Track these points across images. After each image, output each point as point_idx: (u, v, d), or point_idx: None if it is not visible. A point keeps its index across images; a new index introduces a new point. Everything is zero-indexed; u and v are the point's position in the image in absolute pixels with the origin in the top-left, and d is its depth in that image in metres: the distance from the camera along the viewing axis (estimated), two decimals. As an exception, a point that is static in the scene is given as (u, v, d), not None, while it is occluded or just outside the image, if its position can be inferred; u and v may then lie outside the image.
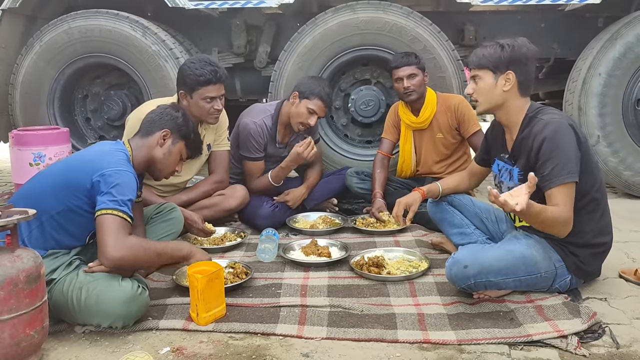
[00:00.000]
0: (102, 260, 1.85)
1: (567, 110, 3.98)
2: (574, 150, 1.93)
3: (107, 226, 1.83)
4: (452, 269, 2.04)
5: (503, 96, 2.07)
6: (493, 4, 3.77)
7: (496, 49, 2.05)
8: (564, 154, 1.91)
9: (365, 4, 3.74)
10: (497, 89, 2.07)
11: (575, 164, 1.92)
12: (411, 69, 3.15)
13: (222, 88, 2.84)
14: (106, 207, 1.84)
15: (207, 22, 4.34)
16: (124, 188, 1.89)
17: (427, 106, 3.23)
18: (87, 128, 4.22)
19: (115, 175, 1.90)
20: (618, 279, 2.32)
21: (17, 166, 3.47)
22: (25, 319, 1.59)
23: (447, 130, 3.23)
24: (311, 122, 3.04)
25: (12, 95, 3.96)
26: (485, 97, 2.10)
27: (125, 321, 1.84)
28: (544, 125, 1.97)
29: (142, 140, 2.16)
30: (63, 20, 3.82)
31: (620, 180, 3.86)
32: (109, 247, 1.82)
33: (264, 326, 1.89)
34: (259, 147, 3.11)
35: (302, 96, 3.03)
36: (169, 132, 2.17)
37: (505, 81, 2.05)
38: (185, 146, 2.23)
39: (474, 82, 2.12)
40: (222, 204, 3.06)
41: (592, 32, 4.03)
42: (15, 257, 1.60)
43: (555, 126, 1.94)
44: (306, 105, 3.02)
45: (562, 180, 1.90)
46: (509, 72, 2.04)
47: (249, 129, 3.08)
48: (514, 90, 2.06)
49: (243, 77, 4.45)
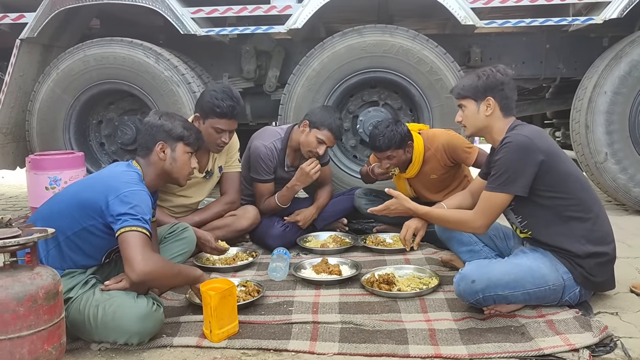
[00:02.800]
0: (131, 274, 1.87)
1: (574, 128, 4.01)
2: (519, 165, 2.04)
3: (134, 242, 1.86)
4: (460, 284, 2.07)
5: (487, 120, 2.21)
6: (497, 25, 3.84)
7: (473, 79, 2.22)
8: (503, 166, 2.06)
9: (372, 28, 3.83)
10: (479, 114, 2.21)
11: (514, 179, 2.04)
12: (388, 153, 3.03)
13: (235, 124, 2.92)
14: (130, 225, 1.88)
15: (217, 48, 4.47)
16: (142, 207, 1.94)
17: (414, 164, 3.13)
18: (102, 153, 4.31)
19: (132, 196, 1.94)
20: (629, 293, 2.32)
21: (34, 190, 3.55)
22: (43, 335, 1.63)
23: (439, 169, 3.14)
24: (320, 152, 3.09)
25: (29, 121, 4.07)
26: (471, 123, 2.26)
27: (141, 338, 1.88)
28: (502, 141, 2.12)
29: (145, 160, 2.21)
30: (79, 48, 3.94)
31: (631, 197, 3.86)
32: (137, 262, 1.85)
33: (277, 342, 1.91)
34: (268, 169, 3.17)
35: (313, 125, 3.08)
36: (163, 142, 2.20)
37: (486, 107, 2.19)
38: (185, 144, 2.24)
39: (461, 110, 2.29)
40: (234, 225, 3.10)
41: (598, 52, 4.09)
42: (35, 274, 1.64)
43: (507, 141, 2.08)
44: (316, 135, 3.06)
45: (490, 188, 2.11)
46: (488, 98, 2.18)
47: (259, 151, 3.13)
48: (496, 113, 2.20)
49: (253, 101, 4.54)
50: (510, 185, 2.05)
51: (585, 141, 3.88)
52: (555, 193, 2.07)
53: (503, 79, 2.18)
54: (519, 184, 2.05)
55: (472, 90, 2.21)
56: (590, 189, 2.16)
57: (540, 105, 5.04)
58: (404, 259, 2.89)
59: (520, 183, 2.04)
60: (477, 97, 2.20)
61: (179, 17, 3.84)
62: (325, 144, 3.08)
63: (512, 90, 2.21)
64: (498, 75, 2.18)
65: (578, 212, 2.08)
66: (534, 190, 2.07)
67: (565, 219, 2.08)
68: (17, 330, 1.56)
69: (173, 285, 2.15)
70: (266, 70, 4.39)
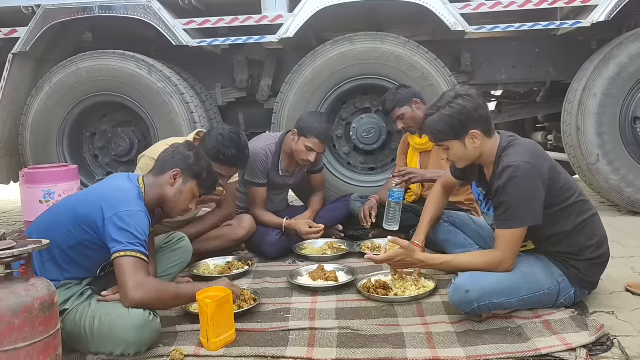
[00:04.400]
0: (124, 301, 1.88)
1: (565, 131, 4.04)
2: (530, 195, 1.97)
3: (127, 268, 1.87)
4: (454, 295, 2.06)
5: (477, 151, 2.10)
6: (487, 30, 3.89)
7: (447, 120, 2.05)
8: (516, 201, 1.98)
9: (362, 35, 3.86)
10: (468, 149, 2.10)
11: (527, 209, 1.98)
12: (396, 112, 3.18)
13: (235, 171, 2.95)
14: (124, 249, 1.88)
15: (210, 59, 4.48)
16: (139, 229, 1.93)
17: None
18: (95, 165, 4.31)
19: (129, 218, 1.93)
20: (625, 292, 2.33)
21: (28, 204, 3.53)
22: (39, 347, 1.61)
23: None
24: (310, 159, 3.11)
25: (22, 135, 4.06)
26: (462, 159, 2.15)
27: (138, 348, 1.87)
28: (502, 170, 2.01)
29: (154, 178, 2.17)
30: (72, 61, 3.95)
31: (623, 197, 3.89)
32: (129, 289, 1.86)
33: (274, 349, 1.90)
34: (263, 171, 3.20)
35: (301, 133, 3.11)
36: (180, 171, 2.16)
37: (472, 139, 2.08)
38: (197, 185, 2.21)
39: (446, 152, 2.16)
40: (230, 235, 3.10)
41: (587, 55, 4.13)
42: (30, 285, 1.63)
43: (513, 174, 1.97)
44: (304, 143, 3.09)
45: (508, 225, 2.01)
46: (471, 132, 2.06)
47: (255, 153, 3.16)
48: (483, 140, 2.09)
49: (246, 111, 4.56)
50: (527, 217, 2.00)
51: (577, 143, 3.91)
52: (556, 206, 2.04)
53: (473, 105, 2.05)
54: (535, 214, 1.99)
55: (451, 132, 2.07)
56: (583, 193, 2.15)
57: (532, 109, 5.07)
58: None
59: (535, 212, 1.99)
60: (460, 136, 2.07)
61: (171, 29, 3.85)
62: (314, 151, 3.10)
63: (485, 109, 2.11)
64: (467, 104, 2.05)
65: (576, 218, 2.07)
66: None
67: (565, 227, 2.05)
68: (12, 343, 1.54)
69: (171, 307, 2.13)
70: (259, 79, 4.41)
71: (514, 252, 2.05)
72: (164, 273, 2.41)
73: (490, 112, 2.16)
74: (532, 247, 2.20)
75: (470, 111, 2.04)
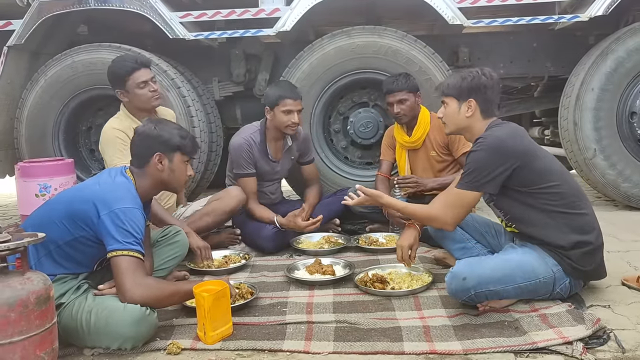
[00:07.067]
0: (121, 301, 1.88)
1: (562, 125, 4.04)
2: (489, 166, 2.08)
3: (124, 268, 1.87)
4: (452, 282, 2.08)
5: (466, 121, 2.24)
6: (484, 25, 3.88)
7: (458, 79, 2.24)
8: (474, 165, 2.11)
9: (360, 29, 3.84)
10: (460, 114, 2.24)
11: (483, 179, 2.09)
12: (401, 95, 3.20)
13: (149, 72, 2.94)
14: (121, 248, 1.88)
15: (207, 53, 4.46)
16: (134, 227, 1.92)
17: (420, 126, 3.27)
18: (91, 159, 4.29)
19: (124, 215, 1.92)
20: (621, 286, 2.34)
21: (23, 198, 3.51)
22: (35, 341, 1.61)
23: (439, 148, 3.28)
24: (294, 120, 3.14)
25: (17, 129, 4.04)
26: (451, 121, 2.29)
27: (135, 342, 1.86)
28: (477, 140, 2.16)
29: (140, 171, 2.13)
30: (67, 54, 3.92)
31: (620, 192, 3.90)
32: (126, 290, 1.86)
33: (271, 343, 1.90)
34: (250, 160, 3.20)
35: (272, 105, 3.15)
36: (160, 154, 2.12)
37: (467, 108, 2.22)
38: (182, 154, 2.17)
39: (443, 107, 2.32)
40: (221, 207, 3.11)
41: (584, 50, 4.13)
42: (26, 279, 1.62)
43: (480, 141, 2.13)
44: (280, 110, 3.12)
45: (460, 185, 2.15)
46: (470, 100, 2.21)
47: (237, 144, 3.19)
48: (476, 115, 2.23)
49: (243, 105, 4.55)
50: (479, 184, 2.10)
51: (574, 138, 3.91)
52: (532, 189, 2.10)
53: (487, 83, 2.20)
54: (488, 185, 2.10)
55: (456, 90, 2.23)
56: (571, 182, 2.18)
57: (529, 104, 5.07)
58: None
59: (489, 183, 2.09)
60: (460, 97, 2.23)
61: (167, 22, 3.83)
62: (292, 111, 3.12)
63: (495, 94, 2.24)
64: (483, 78, 2.20)
65: (558, 205, 2.11)
66: (509, 187, 2.11)
67: (545, 212, 2.11)
68: (8, 336, 1.54)
69: (170, 305, 2.12)
70: (256, 73, 4.39)
71: (455, 212, 2.17)
72: (160, 267, 2.40)
73: (497, 100, 2.27)
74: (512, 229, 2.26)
75: (480, 84, 2.19)
